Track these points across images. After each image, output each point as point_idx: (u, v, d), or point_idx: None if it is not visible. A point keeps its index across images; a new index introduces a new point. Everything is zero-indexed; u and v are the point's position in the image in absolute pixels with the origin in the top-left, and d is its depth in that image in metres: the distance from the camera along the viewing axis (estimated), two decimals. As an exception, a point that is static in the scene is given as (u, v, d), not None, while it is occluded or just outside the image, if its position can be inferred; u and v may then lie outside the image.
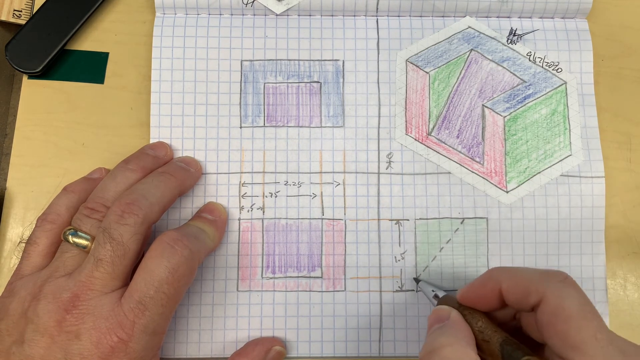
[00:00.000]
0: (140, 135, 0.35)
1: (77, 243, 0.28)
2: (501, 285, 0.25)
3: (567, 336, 0.22)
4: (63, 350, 0.25)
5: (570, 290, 0.23)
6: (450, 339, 0.24)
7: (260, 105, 0.35)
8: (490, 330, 0.25)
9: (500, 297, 0.26)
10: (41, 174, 0.35)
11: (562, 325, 0.23)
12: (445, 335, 0.25)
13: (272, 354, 0.31)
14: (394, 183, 0.35)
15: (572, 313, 0.22)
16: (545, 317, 0.23)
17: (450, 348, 0.24)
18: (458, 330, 0.25)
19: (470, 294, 0.27)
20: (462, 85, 0.36)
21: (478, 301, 0.27)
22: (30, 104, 0.35)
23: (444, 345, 0.24)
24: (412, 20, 0.36)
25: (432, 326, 0.27)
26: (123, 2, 0.37)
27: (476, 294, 0.27)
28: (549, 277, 0.24)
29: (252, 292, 0.33)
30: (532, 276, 0.25)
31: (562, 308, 0.23)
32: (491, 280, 0.26)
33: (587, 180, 0.35)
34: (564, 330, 0.22)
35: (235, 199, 0.34)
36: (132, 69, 0.36)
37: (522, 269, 0.26)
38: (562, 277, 0.24)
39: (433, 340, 0.25)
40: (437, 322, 0.26)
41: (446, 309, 0.27)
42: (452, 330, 0.25)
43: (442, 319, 0.26)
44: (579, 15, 0.36)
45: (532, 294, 0.24)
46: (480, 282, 0.27)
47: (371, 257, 0.34)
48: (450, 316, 0.26)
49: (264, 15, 0.36)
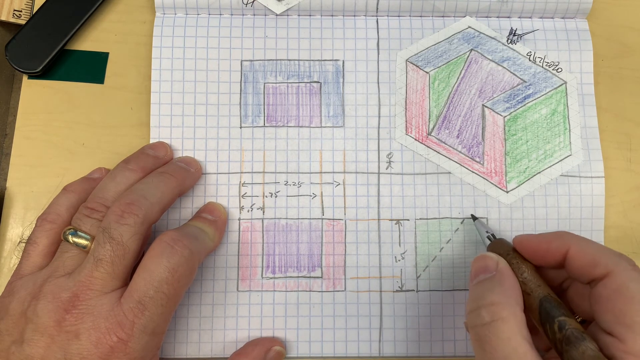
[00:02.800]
0: (140, 135, 0.35)
1: (77, 243, 0.28)
2: (570, 248, 0.25)
3: (623, 315, 0.23)
4: (62, 350, 0.25)
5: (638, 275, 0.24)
6: (499, 296, 0.24)
7: (260, 105, 0.35)
8: (534, 283, 0.25)
9: (561, 259, 0.26)
10: (41, 174, 0.35)
11: (622, 303, 0.23)
12: (494, 291, 0.25)
13: (272, 354, 0.31)
14: (394, 183, 0.35)
15: (636, 295, 0.23)
16: (606, 292, 0.23)
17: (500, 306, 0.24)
18: (507, 286, 0.25)
19: (531, 243, 0.26)
20: (462, 85, 0.36)
21: (535, 254, 0.26)
22: (30, 104, 0.35)
23: (494, 302, 0.24)
24: (412, 20, 0.36)
25: (477, 274, 0.26)
26: (123, 2, 0.37)
27: (537, 247, 0.26)
28: (620, 257, 0.24)
29: (252, 292, 0.33)
30: (604, 250, 0.25)
31: (627, 288, 0.23)
32: (559, 240, 0.26)
33: (587, 180, 0.35)
34: (623, 309, 0.23)
35: (235, 199, 0.34)
36: (132, 69, 0.36)
37: (594, 242, 0.26)
38: (633, 262, 0.24)
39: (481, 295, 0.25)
40: (484, 271, 0.26)
41: (494, 257, 0.27)
42: (501, 287, 0.25)
43: (489, 269, 0.26)
44: (579, 15, 0.36)
45: (599, 266, 0.24)
46: (546, 237, 0.26)
47: (371, 257, 0.34)
48: (499, 267, 0.26)
49: (264, 15, 0.36)
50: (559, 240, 0.26)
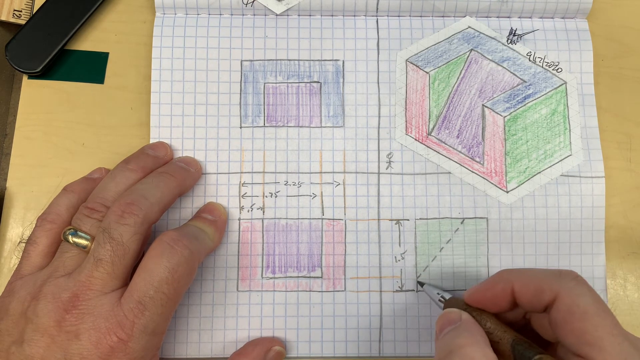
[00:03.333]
0: (140, 135, 0.35)
1: (77, 243, 0.28)
2: (513, 285, 0.25)
3: (583, 333, 0.22)
4: (62, 350, 0.25)
5: (584, 288, 0.24)
6: (468, 338, 0.24)
7: (260, 105, 0.35)
8: (500, 330, 0.25)
9: (511, 298, 0.26)
10: (41, 174, 0.35)
11: (578, 322, 0.23)
12: (462, 336, 0.25)
13: (272, 354, 0.31)
14: (394, 183, 0.35)
15: (588, 310, 0.23)
16: (560, 315, 0.23)
17: (471, 348, 0.24)
18: (474, 330, 0.25)
19: (479, 295, 0.27)
20: (462, 85, 0.36)
21: (487, 302, 0.27)
22: (30, 104, 0.35)
23: (464, 344, 0.24)
24: (412, 20, 0.36)
25: (443, 329, 0.26)
26: (123, 2, 0.37)
27: (485, 295, 0.27)
28: (561, 276, 0.24)
29: (252, 292, 0.33)
30: (545, 275, 0.25)
31: (577, 306, 0.23)
32: (501, 281, 0.26)
33: (587, 180, 0.35)
34: (580, 328, 0.22)
35: (235, 199, 0.34)
36: (132, 69, 0.36)
37: (533, 270, 0.26)
38: (574, 275, 0.24)
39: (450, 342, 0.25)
40: (449, 324, 0.26)
41: (456, 311, 0.27)
42: (467, 332, 0.25)
43: (453, 321, 0.26)
44: (579, 15, 0.36)
45: (545, 293, 0.24)
46: (489, 283, 0.27)
47: (371, 257, 0.34)
48: (462, 318, 0.26)
49: (264, 15, 0.36)
50: (501, 281, 0.26)
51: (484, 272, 0.34)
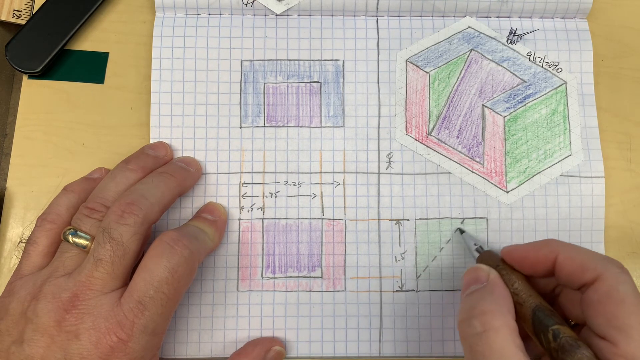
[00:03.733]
0: (140, 135, 0.35)
1: (77, 243, 0.28)
2: (558, 255, 0.25)
3: (615, 317, 0.23)
4: (62, 350, 0.25)
5: (628, 278, 0.24)
6: (491, 305, 0.24)
7: (260, 105, 0.35)
8: (526, 293, 0.25)
9: (551, 267, 0.26)
10: (41, 174, 0.35)
11: (613, 306, 0.23)
12: (485, 300, 0.24)
13: (272, 354, 0.31)
14: (394, 183, 0.35)
15: (626, 298, 0.23)
16: (597, 296, 0.24)
17: (492, 315, 0.23)
18: (498, 295, 0.25)
19: (519, 253, 0.26)
20: (462, 85, 0.36)
21: (524, 263, 0.26)
22: (30, 104, 0.35)
23: (485, 311, 0.24)
24: (412, 20, 0.36)
25: (469, 285, 0.26)
26: (123, 2, 0.37)
27: (525, 256, 0.26)
28: (609, 261, 0.24)
29: (252, 292, 0.33)
30: (592, 255, 0.25)
31: (617, 291, 0.23)
32: (547, 248, 0.26)
33: (587, 180, 0.35)
34: (614, 312, 0.23)
35: (235, 199, 0.34)
36: (132, 69, 0.36)
37: (581, 247, 0.26)
38: (621, 265, 0.25)
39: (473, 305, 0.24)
40: (475, 282, 0.26)
41: (485, 268, 0.27)
42: (492, 296, 0.25)
43: (480, 280, 0.26)
44: (579, 15, 0.36)
45: (589, 271, 0.24)
46: (534, 246, 0.26)
47: (371, 257, 0.34)
48: (490, 277, 0.26)
49: (264, 15, 0.36)
50: (547, 248, 0.26)
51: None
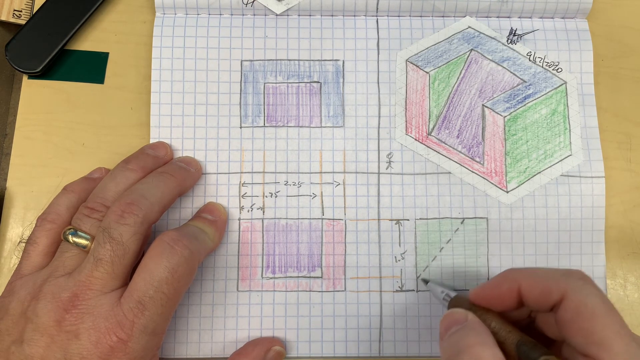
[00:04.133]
0: (140, 135, 0.35)
1: (77, 243, 0.28)
2: (520, 285, 0.25)
3: (591, 333, 0.22)
4: (62, 350, 0.25)
5: (592, 288, 0.24)
6: (477, 338, 0.24)
7: (260, 105, 0.35)
8: (505, 330, 0.25)
9: (517, 298, 0.26)
10: (41, 174, 0.35)
11: (586, 322, 0.23)
12: (470, 335, 0.24)
13: (272, 354, 0.31)
14: (394, 183, 0.35)
15: (596, 310, 0.23)
16: (568, 315, 0.23)
17: (480, 347, 0.23)
18: (481, 330, 0.25)
19: (485, 294, 0.27)
20: (462, 85, 0.36)
21: (493, 301, 0.26)
22: (30, 104, 0.35)
23: (473, 344, 0.24)
24: (412, 20, 0.36)
25: (448, 328, 0.26)
26: (123, 2, 0.37)
27: (491, 294, 0.26)
28: (569, 275, 0.24)
29: (252, 292, 0.33)
30: (552, 275, 0.25)
31: (584, 305, 0.23)
32: (508, 281, 0.26)
33: (587, 180, 0.35)
34: (588, 328, 0.22)
35: (235, 199, 0.34)
36: (132, 69, 0.36)
37: (540, 269, 0.26)
38: (581, 275, 0.24)
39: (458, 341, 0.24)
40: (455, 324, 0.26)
41: (461, 311, 0.27)
42: (475, 331, 0.25)
43: (459, 321, 0.26)
44: (579, 15, 0.36)
45: (553, 293, 0.24)
46: (495, 282, 0.26)
47: (371, 257, 0.34)
48: (468, 318, 0.26)
49: (264, 15, 0.36)
50: (508, 281, 0.26)
51: (484, 272, 0.34)
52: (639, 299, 0.34)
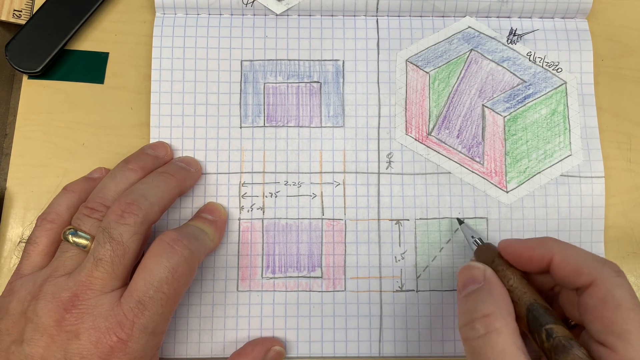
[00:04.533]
0: (140, 135, 0.35)
1: (77, 243, 0.28)
2: (553, 256, 0.25)
3: (612, 323, 0.22)
4: (62, 350, 0.25)
5: (623, 281, 0.24)
6: (491, 307, 0.24)
7: (260, 105, 0.35)
8: (521, 290, 0.25)
9: (546, 267, 0.25)
10: (41, 174, 0.35)
11: (609, 312, 0.23)
12: (485, 302, 0.24)
13: (272, 354, 0.31)
14: (394, 183, 0.35)
15: (622, 303, 0.23)
16: (593, 301, 0.23)
17: (493, 317, 0.23)
18: (497, 296, 0.25)
19: (515, 249, 0.26)
20: (462, 85, 0.36)
21: (520, 259, 0.26)
22: (30, 104, 0.35)
23: (487, 314, 0.24)
24: (412, 20, 0.36)
25: (465, 285, 0.26)
26: (123, 2, 0.37)
27: (521, 253, 0.26)
28: (604, 264, 0.24)
29: (252, 292, 0.33)
30: (588, 258, 0.24)
31: (612, 296, 0.23)
32: (543, 247, 0.25)
33: (587, 180, 0.35)
34: (611, 317, 0.23)
35: (235, 199, 0.34)
36: (132, 69, 0.36)
37: (578, 249, 0.25)
38: (617, 268, 0.24)
39: (474, 307, 0.24)
40: (472, 282, 0.26)
41: (480, 266, 0.26)
42: (491, 297, 0.25)
43: (477, 279, 0.26)
44: (579, 15, 0.36)
45: (583, 275, 0.24)
46: (531, 244, 0.26)
47: (371, 257, 0.34)
48: (486, 276, 0.26)
49: (264, 15, 0.36)
50: (543, 247, 0.26)
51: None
52: (639, 299, 0.34)
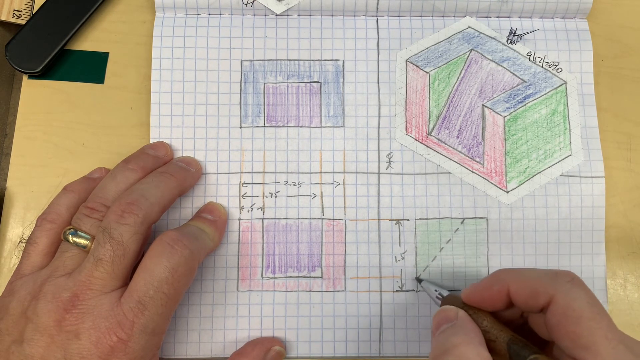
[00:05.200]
0: (140, 135, 0.35)
1: (77, 243, 0.28)
2: (509, 287, 0.25)
3: (578, 337, 0.22)
4: (62, 350, 0.25)
5: (579, 291, 0.23)
6: (463, 337, 0.24)
7: (260, 105, 0.35)
8: (496, 329, 0.26)
9: (507, 299, 0.26)
10: (41, 174, 0.35)
11: (572, 326, 0.23)
12: (457, 334, 0.25)
13: (272, 354, 0.31)
14: (394, 183, 0.35)
15: (582, 314, 0.23)
16: (555, 319, 0.23)
17: (465, 347, 0.24)
18: (469, 329, 0.25)
19: (476, 294, 0.27)
20: (462, 85, 0.36)
21: (484, 302, 0.27)
22: (30, 104, 0.35)
23: (458, 343, 0.24)
24: (412, 20, 0.36)
25: (439, 326, 0.26)
26: (123, 2, 0.37)
27: (482, 295, 0.27)
28: (557, 278, 0.24)
29: (252, 292, 0.33)
30: (540, 277, 0.25)
31: (572, 309, 0.23)
32: (498, 282, 0.26)
33: (587, 180, 0.35)
34: (575, 332, 0.22)
35: (235, 199, 0.34)
36: (132, 69, 0.36)
37: (530, 270, 0.26)
38: (570, 277, 0.24)
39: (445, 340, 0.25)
40: (445, 321, 0.26)
41: (453, 309, 0.27)
42: (463, 330, 0.25)
43: (450, 319, 0.26)
44: (579, 15, 0.36)
45: (540, 296, 0.24)
46: (486, 283, 0.27)
47: (371, 257, 0.34)
48: (459, 316, 0.26)
49: (264, 15, 0.36)
50: (498, 282, 0.26)
51: (484, 272, 0.34)
52: (639, 299, 0.34)
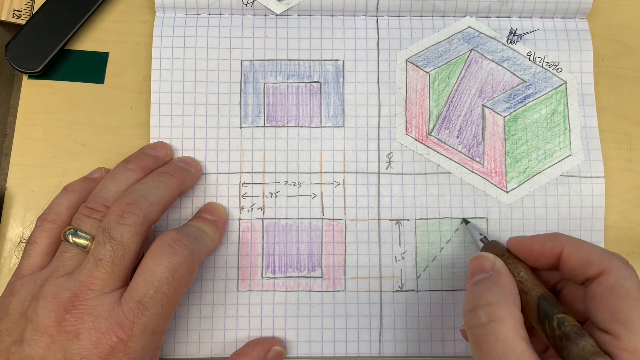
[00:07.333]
0: (140, 135, 0.35)
1: (77, 243, 0.28)
2: (564, 249, 0.25)
3: (618, 312, 0.23)
4: (62, 350, 0.25)
5: (632, 273, 0.24)
6: (496, 295, 0.24)
7: (260, 105, 0.35)
8: (531, 282, 0.26)
9: (555, 260, 0.26)
10: (41, 174, 0.35)
11: (616, 301, 0.23)
12: (491, 290, 0.25)
13: (272, 354, 0.31)
14: (394, 183, 0.35)
15: (630, 293, 0.23)
16: (600, 290, 0.24)
17: (498, 306, 0.24)
18: (504, 285, 0.25)
19: (525, 245, 0.27)
20: (462, 85, 0.36)
21: (530, 255, 0.26)
22: (30, 104, 0.35)
23: (491, 302, 0.24)
24: (412, 20, 0.36)
25: (474, 274, 0.26)
26: (123, 2, 0.37)
27: (531, 248, 0.26)
28: (614, 256, 0.25)
29: (252, 292, 0.33)
30: (597, 250, 0.25)
31: (621, 285, 0.23)
32: (553, 241, 0.26)
33: (587, 180, 0.35)
34: (617, 307, 0.23)
35: (235, 199, 0.34)
36: (132, 69, 0.36)
37: (587, 242, 0.26)
38: (626, 261, 0.25)
39: (478, 295, 0.25)
40: (480, 271, 0.26)
41: (490, 257, 0.27)
42: (498, 286, 0.25)
43: (485, 269, 0.26)
44: (579, 15, 0.36)
45: (593, 266, 0.24)
46: (540, 238, 0.26)
47: (371, 257, 0.34)
48: (495, 266, 0.26)
49: (264, 15, 0.36)
50: (553, 241, 0.26)
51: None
52: (638, 299, 0.34)
